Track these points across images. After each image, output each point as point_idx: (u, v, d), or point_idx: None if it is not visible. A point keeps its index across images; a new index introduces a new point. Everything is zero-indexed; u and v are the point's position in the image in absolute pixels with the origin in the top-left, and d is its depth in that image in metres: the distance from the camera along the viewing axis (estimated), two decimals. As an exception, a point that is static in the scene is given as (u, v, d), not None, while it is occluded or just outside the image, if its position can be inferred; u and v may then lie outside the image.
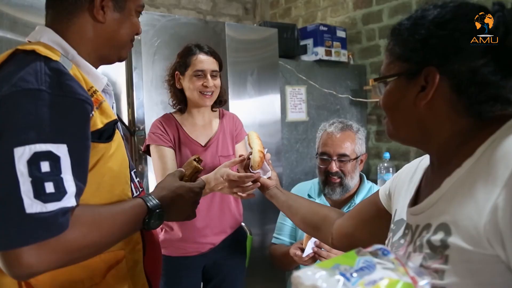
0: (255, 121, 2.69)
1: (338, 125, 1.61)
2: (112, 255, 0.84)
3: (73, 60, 0.84)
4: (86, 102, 0.76)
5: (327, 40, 3.27)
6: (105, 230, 0.78)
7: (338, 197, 1.57)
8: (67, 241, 0.70)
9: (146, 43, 2.26)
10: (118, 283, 0.85)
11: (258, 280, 2.59)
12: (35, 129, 0.68)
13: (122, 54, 0.96)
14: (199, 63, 1.62)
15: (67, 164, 0.70)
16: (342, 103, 3.49)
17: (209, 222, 1.69)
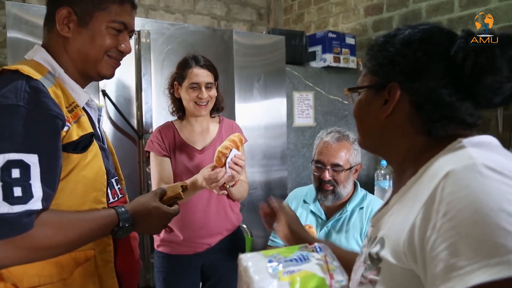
0: (260, 125, 2.76)
1: (335, 135, 1.64)
2: (82, 253, 0.92)
3: (59, 77, 0.93)
4: (57, 118, 0.84)
5: (335, 47, 3.32)
6: (70, 234, 0.85)
7: (330, 204, 1.62)
8: (32, 240, 0.78)
9: (156, 50, 2.36)
10: (85, 280, 0.92)
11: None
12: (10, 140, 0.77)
13: (101, 70, 1.00)
14: (194, 76, 1.71)
15: (36, 172, 0.78)
16: (350, 109, 3.50)
17: (206, 223, 1.77)
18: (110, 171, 1.03)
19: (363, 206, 1.62)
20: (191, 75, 1.71)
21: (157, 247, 1.84)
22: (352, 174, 1.64)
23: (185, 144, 1.77)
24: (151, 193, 1.08)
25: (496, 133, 2.85)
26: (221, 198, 1.78)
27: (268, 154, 2.80)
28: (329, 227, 1.62)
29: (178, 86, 1.76)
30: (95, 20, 0.95)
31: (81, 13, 0.93)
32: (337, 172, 1.59)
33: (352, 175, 1.63)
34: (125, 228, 0.95)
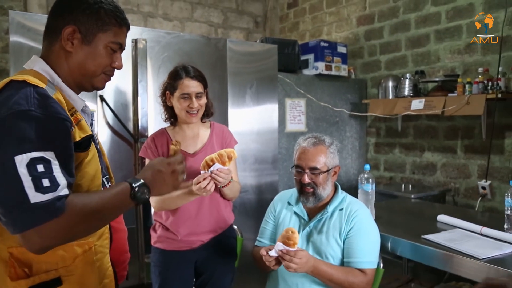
0: (252, 131, 2.86)
1: (311, 140, 1.74)
2: (84, 243, 1.02)
3: (58, 85, 1.04)
4: (66, 120, 0.95)
5: (327, 55, 3.43)
6: (96, 207, 0.96)
7: (312, 205, 1.71)
8: (68, 219, 0.90)
9: (152, 58, 2.47)
10: (85, 266, 1.02)
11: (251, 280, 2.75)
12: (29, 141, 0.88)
13: (95, 83, 1.10)
14: (185, 87, 1.80)
15: (56, 165, 0.90)
16: (342, 116, 3.64)
17: (199, 222, 1.87)
18: (102, 170, 1.14)
19: (342, 207, 1.70)
20: (182, 86, 1.80)
21: (154, 243, 1.94)
22: (331, 176, 1.72)
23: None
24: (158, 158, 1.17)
25: (480, 140, 2.95)
26: (214, 199, 1.88)
27: (259, 158, 2.90)
28: (311, 227, 1.72)
29: (170, 95, 1.86)
30: (98, 39, 1.05)
31: (86, 32, 1.04)
32: (315, 175, 1.68)
33: (330, 177, 1.72)
34: (140, 189, 1.02)
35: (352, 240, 1.63)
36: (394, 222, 2.24)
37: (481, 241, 1.75)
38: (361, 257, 1.61)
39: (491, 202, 2.88)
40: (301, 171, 1.70)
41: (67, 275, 0.99)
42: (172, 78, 1.85)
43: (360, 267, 1.61)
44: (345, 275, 1.58)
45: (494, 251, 1.62)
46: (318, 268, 1.56)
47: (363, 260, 1.61)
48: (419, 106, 3.00)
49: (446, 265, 1.69)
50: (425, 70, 3.31)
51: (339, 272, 1.59)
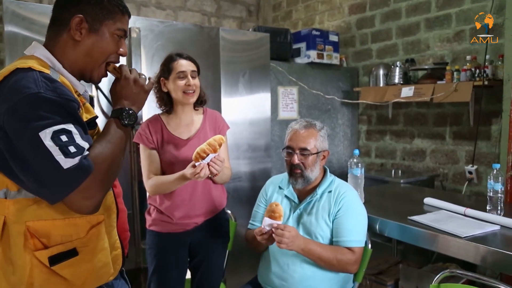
0: (245, 119, 2.91)
1: (303, 123, 1.81)
2: (94, 217, 1.09)
3: (59, 71, 1.09)
4: (74, 102, 1.01)
5: (319, 43, 3.47)
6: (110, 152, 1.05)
7: (301, 187, 1.77)
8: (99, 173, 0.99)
9: (146, 46, 2.50)
10: (97, 238, 1.10)
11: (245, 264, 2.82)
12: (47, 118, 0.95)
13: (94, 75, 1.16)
14: (180, 66, 1.88)
15: (77, 134, 0.98)
16: (334, 103, 3.69)
17: (193, 205, 1.93)
18: None
19: (331, 190, 1.77)
20: (177, 65, 1.87)
21: (149, 226, 2.00)
22: (320, 160, 1.78)
23: (172, 136, 1.92)
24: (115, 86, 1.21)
25: (468, 126, 3.03)
26: (207, 183, 1.94)
27: (252, 146, 2.95)
28: (301, 210, 1.78)
29: (165, 80, 1.91)
30: (104, 27, 1.12)
31: (92, 21, 1.10)
32: (305, 156, 1.74)
33: (319, 161, 1.78)
34: (125, 115, 1.10)
35: (340, 220, 1.70)
36: (383, 205, 2.32)
37: (464, 221, 1.82)
38: (349, 236, 1.68)
39: (478, 186, 2.96)
40: (292, 152, 1.76)
41: (82, 246, 1.07)
42: (166, 63, 1.91)
43: (348, 245, 1.68)
44: (334, 253, 1.66)
45: (476, 230, 1.69)
46: (308, 246, 1.63)
47: (351, 239, 1.68)
48: (408, 94, 3.06)
49: (431, 244, 1.77)
50: (415, 58, 3.37)
51: (328, 250, 1.66)
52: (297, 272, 1.72)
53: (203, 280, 2.02)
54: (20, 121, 0.94)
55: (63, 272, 1.04)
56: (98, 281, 1.12)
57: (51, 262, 1.02)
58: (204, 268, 2.01)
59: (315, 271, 1.71)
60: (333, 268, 1.68)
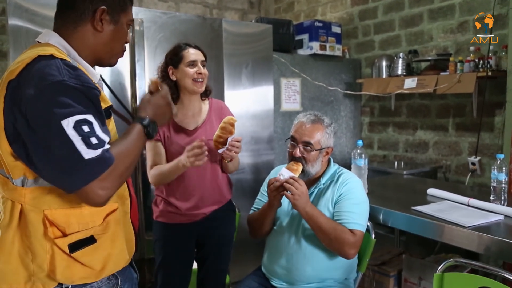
0: (248, 111, 2.91)
1: (311, 117, 1.79)
2: (109, 206, 1.10)
3: (75, 59, 1.10)
4: (96, 89, 1.02)
5: (322, 35, 3.46)
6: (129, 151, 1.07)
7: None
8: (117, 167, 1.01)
9: (149, 38, 2.50)
10: (114, 225, 1.13)
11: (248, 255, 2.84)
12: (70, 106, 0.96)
13: (113, 60, 1.20)
14: (190, 55, 1.88)
15: (97, 125, 0.99)
16: (336, 95, 3.69)
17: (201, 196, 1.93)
18: None
19: (335, 179, 1.77)
20: (187, 54, 1.88)
21: (156, 217, 2.00)
22: (323, 156, 1.77)
23: (178, 126, 1.92)
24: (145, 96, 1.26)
25: (471, 118, 3.02)
26: (214, 173, 1.94)
27: (255, 138, 2.96)
28: (305, 200, 1.79)
29: (174, 69, 1.91)
30: (122, 18, 1.16)
31: (112, 12, 1.14)
32: (307, 151, 1.73)
33: (322, 157, 1.76)
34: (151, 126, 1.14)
35: (342, 204, 1.69)
36: (386, 195, 2.32)
37: (468, 211, 1.83)
38: (349, 219, 1.65)
39: (481, 178, 2.97)
40: (294, 144, 1.76)
41: (100, 233, 1.09)
42: (174, 52, 1.91)
43: (348, 227, 1.65)
44: (334, 228, 1.63)
45: (479, 219, 1.70)
46: (312, 210, 1.64)
47: (351, 221, 1.65)
48: (411, 85, 3.05)
49: (435, 234, 1.78)
50: (418, 50, 3.36)
51: (329, 223, 1.64)
52: (301, 263, 1.72)
53: (209, 271, 2.03)
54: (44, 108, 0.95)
55: (83, 259, 1.06)
56: (115, 267, 1.14)
57: (71, 249, 1.04)
58: (211, 260, 2.02)
59: (319, 261, 1.71)
60: (330, 244, 1.65)
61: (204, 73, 1.90)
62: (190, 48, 1.90)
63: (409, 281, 2.26)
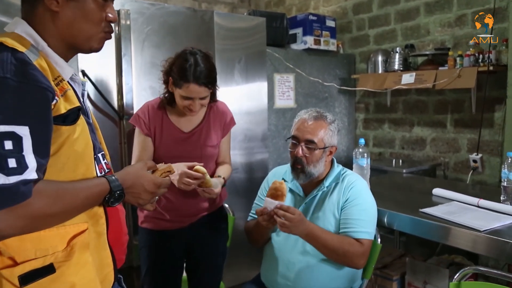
0: (241, 109, 2.78)
1: (313, 113, 1.66)
2: (75, 227, 0.92)
3: (43, 50, 0.91)
4: (47, 90, 0.83)
5: (316, 29, 3.34)
6: (67, 202, 0.87)
7: (303, 182, 1.65)
8: (32, 208, 0.80)
9: (136, 31, 2.34)
10: (80, 251, 0.92)
11: (242, 259, 2.72)
12: (0, 112, 0.77)
13: (92, 45, 0.98)
14: (189, 92, 1.62)
15: (28, 143, 0.79)
16: (331, 91, 3.58)
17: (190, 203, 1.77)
18: (96, 145, 1.04)
19: (339, 181, 1.66)
20: (186, 89, 1.62)
21: (141, 223, 1.85)
22: (326, 155, 1.65)
23: (172, 126, 1.76)
24: (139, 163, 1.10)
25: (470, 114, 2.94)
26: None
27: (249, 136, 2.83)
28: (307, 204, 1.66)
29: (173, 85, 1.69)
30: None
31: None
32: (310, 150, 1.61)
33: (325, 157, 1.65)
34: (117, 196, 0.96)
35: (348, 211, 1.58)
36: (389, 196, 2.22)
37: (479, 213, 1.73)
38: (357, 227, 1.56)
39: (481, 175, 2.89)
40: (296, 143, 1.64)
41: (61, 261, 0.90)
42: (178, 73, 1.64)
43: (356, 237, 1.56)
44: (341, 243, 1.53)
45: (493, 222, 1.60)
46: (313, 232, 1.51)
47: (359, 230, 1.56)
48: (409, 80, 2.96)
49: (445, 238, 1.67)
50: (414, 44, 3.26)
51: (334, 239, 1.53)
52: (304, 272, 1.60)
53: (201, 282, 1.89)
54: None
55: None
56: None
57: (23, 282, 0.85)
58: (202, 269, 1.88)
59: (323, 269, 1.60)
60: (338, 259, 1.56)
61: (201, 104, 1.68)
62: (193, 84, 1.60)
63: (413, 285, 2.16)
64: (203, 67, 1.63)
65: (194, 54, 1.66)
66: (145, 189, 1.04)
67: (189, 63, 1.62)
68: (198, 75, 1.60)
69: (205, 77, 1.62)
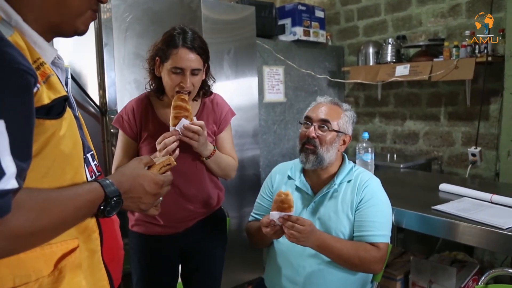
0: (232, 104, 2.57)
1: (328, 98, 1.61)
2: (63, 244, 0.76)
3: (17, 26, 0.73)
4: (27, 73, 0.65)
5: (305, 20, 3.21)
6: (55, 216, 0.70)
7: (311, 167, 1.51)
8: (11, 225, 0.63)
9: (118, 19, 2.15)
10: (71, 274, 0.76)
11: (236, 261, 2.57)
12: None
13: (78, 25, 0.82)
14: (179, 59, 1.44)
15: (5, 143, 0.61)
16: (320, 84, 3.46)
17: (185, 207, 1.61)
18: (86, 144, 0.87)
19: (351, 179, 1.53)
20: (175, 57, 1.44)
21: (131, 226, 1.68)
22: (339, 143, 1.54)
23: (160, 123, 1.58)
24: (134, 160, 0.93)
25: (464, 106, 2.88)
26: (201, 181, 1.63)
27: (240, 132, 2.68)
28: (316, 203, 1.53)
29: (160, 63, 1.51)
30: None
31: None
32: (323, 131, 1.51)
33: (338, 144, 1.54)
34: (113, 204, 0.80)
35: (363, 212, 1.47)
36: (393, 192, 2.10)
37: (495, 209, 1.65)
38: (374, 230, 1.44)
39: (476, 169, 2.83)
40: (309, 123, 1.53)
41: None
42: (165, 43, 1.47)
43: (372, 241, 1.44)
44: (356, 250, 1.42)
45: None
46: (325, 242, 1.39)
47: (375, 233, 1.44)
48: (404, 72, 2.87)
49: (461, 237, 1.57)
50: (406, 35, 3.18)
51: (349, 247, 1.42)
52: (314, 276, 1.48)
53: None
54: None
55: None
56: None
57: None
58: (199, 277, 1.73)
59: (335, 274, 1.47)
60: (354, 267, 1.45)
61: (193, 83, 1.49)
62: (182, 49, 1.43)
63: (418, 285, 2.07)
64: (192, 33, 1.49)
65: (183, 27, 1.52)
66: (146, 191, 0.88)
67: (176, 31, 1.48)
68: (188, 38, 1.46)
69: (195, 41, 1.47)
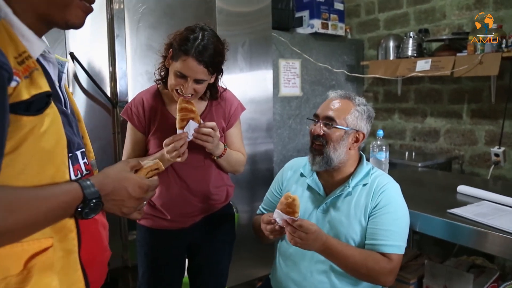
0: (245, 97, 2.55)
1: (339, 92, 1.51)
2: (36, 243, 0.73)
3: (6, 18, 0.71)
4: (1, 68, 0.64)
5: (324, 12, 3.12)
6: (24, 216, 0.67)
7: (319, 168, 1.44)
8: None
9: (130, 10, 2.12)
10: (40, 275, 0.73)
11: (245, 256, 2.54)
12: None
13: (69, 17, 0.78)
14: (185, 67, 1.39)
15: None
16: (338, 79, 3.37)
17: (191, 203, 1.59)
18: (74, 141, 0.84)
19: (367, 182, 1.44)
20: (183, 63, 1.39)
21: (139, 220, 1.67)
22: (350, 141, 1.44)
23: (170, 117, 1.56)
24: (121, 162, 0.90)
25: (489, 104, 2.75)
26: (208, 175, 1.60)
27: (253, 126, 2.63)
28: (328, 204, 1.45)
29: (171, 57, 1.45)
30: None
31: None
32: (328, 127, 1.42)
33: (348, 141, 1.43)
34: (92, 206, 0.77)
35: (378, 219, 1.37)
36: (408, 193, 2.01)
37: (516, 215, 1.55)
38: (387, 240, 1.35)
39: (499, 169, 2.71)
40: (315, 120, 1.46)
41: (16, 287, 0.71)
42: (179, 43, 1.41)
43: (384, 251, 1.35)
44: (364, 259, 1.32)
45: (536, 227, 1.42)
46: (330, 247, 1.31)
47: (388, 243, 1.35)
48: (425, 67, 2.76)
49: (479, 244, 1.49)
50: (429, 29, 3.05)
51: (356, 254, 1.33)
52: (322, 283, 1.42)
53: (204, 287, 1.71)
54: None
55: None
56: None
57: None
58: (205, 273, 1.70)
59: (344, 281, 1.41)
60: (361, 277, 1.37)
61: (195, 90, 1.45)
62: (191, 60, 1.38)
63: (432, 290, 1.99)
64: (208, 43, 1.40)
65: (204, 30, 1.44)
66: (129, 194, 0.85)
67: (194, 35, 1.40)
68: (200, 49, 1.38)
69: (208, 56, 1.40)
